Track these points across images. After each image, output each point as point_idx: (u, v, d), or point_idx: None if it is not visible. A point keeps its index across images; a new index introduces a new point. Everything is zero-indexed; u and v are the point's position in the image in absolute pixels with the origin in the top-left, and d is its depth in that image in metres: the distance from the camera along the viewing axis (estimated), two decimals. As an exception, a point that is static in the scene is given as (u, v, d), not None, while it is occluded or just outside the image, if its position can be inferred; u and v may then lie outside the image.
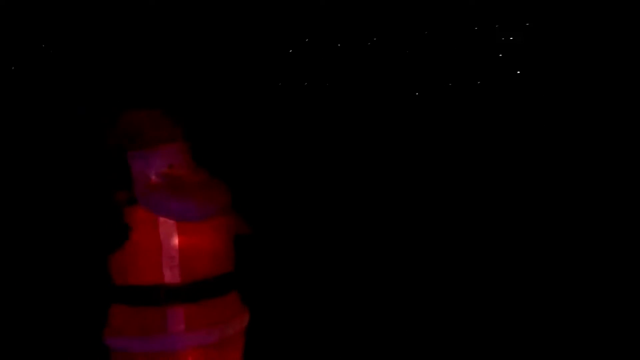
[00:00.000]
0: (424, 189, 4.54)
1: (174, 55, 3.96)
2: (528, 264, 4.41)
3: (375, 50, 4.38)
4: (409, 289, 4.40)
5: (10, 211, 4.13)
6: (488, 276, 4.35)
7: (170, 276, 2.53)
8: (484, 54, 4.61)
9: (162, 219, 2.53)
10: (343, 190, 4.38)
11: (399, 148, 4.50)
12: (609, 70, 4.68)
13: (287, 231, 3.98)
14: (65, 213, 2.50)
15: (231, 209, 2.66)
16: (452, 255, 4.51)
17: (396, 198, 4.46)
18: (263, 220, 2.76)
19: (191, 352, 2.55)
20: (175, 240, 2.54)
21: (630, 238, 4.42)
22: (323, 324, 4.12)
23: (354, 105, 4.40)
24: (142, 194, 2.53)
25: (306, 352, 3.89)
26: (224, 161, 2.76)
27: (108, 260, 2.60)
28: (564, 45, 4.68)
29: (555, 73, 4.68)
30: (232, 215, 2.67)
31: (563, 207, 4.61)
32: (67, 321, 4.11)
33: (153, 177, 2.56)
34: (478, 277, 4.36)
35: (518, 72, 4.62)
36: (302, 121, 4.29)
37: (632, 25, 4.64)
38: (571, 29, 4.69)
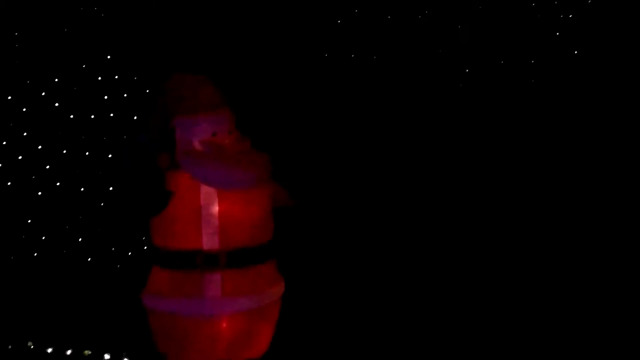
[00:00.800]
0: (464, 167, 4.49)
1: (222, 24, 3.97)
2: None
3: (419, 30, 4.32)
4: (444, 263, 4.37)
5: (58, 172, 4.23)
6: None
7: (209, 242, 2.57)
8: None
9: (203, 186, 2.56)
10: (383, 165, 4.35)
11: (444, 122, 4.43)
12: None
13: (326, 203, 4.00)
14: (109, 175, 2.55)
15: (272, 180, 2.68)
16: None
17: (442, 173, 4.41)
18: (302, 191, 2.77)
19: (226, 317, 2.60)
20: (216, 208, 2.57)
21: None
22: (358, 297, 4.13)
23: (400, 80, 4.34)
24: (184, 160, 2.56)
25: (340, 324, 3.92)
26: (267, 132, 2.77)
27: (150, 223, 2.65)
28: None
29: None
30: (272, 185, 2.69)
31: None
32: (108, 281, 4.20)
33: (196, 144, 2.59)
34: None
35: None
36: (345, 95, 4.24)
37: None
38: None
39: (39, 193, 4.18)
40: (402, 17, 4.34)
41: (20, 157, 4.16)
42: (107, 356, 3.65)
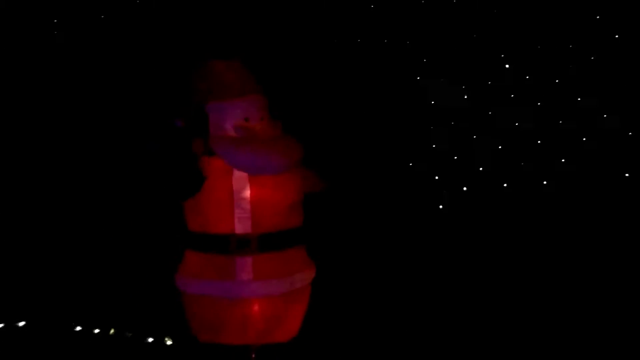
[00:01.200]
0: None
1: (255, 10, 3.99)
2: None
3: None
4: (475, 250, 4.36)
5: (94, 155, 4.30)
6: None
7: (241, 227, 2.61)
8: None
9: (236, 171, 2.59)
10: (415, 152, 4.33)
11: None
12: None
13: (357, 189, 4.00)
14: (145, 160, 2.58)
15: (303, 165, 2.70)
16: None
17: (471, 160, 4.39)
18: (333, 177, 2.79)
19: (257, 300, 2.63)
20: (247, 192, 2.60)
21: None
22: (389, 284, 4.14)
23: (433, 65, 4.30)
24: (217, 144, 2.60)
25: (369, 311, 3.93)
26: (299, 117, 2.79)
27: (183, 207, 2.70)
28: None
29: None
30: (303, 171, 2.72)
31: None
32: (143, 264, 4.27)
33: (229, 129, 2.62)
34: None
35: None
36: (376, 80, 4.22)
37: None
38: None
39: (75, 176, 4.26)
40: (434, 3, 4.32)
41: (56, 141, 4.25)
42: (150, 339, 3.72)
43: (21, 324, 3.89)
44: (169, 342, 3.66)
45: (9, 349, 3.68)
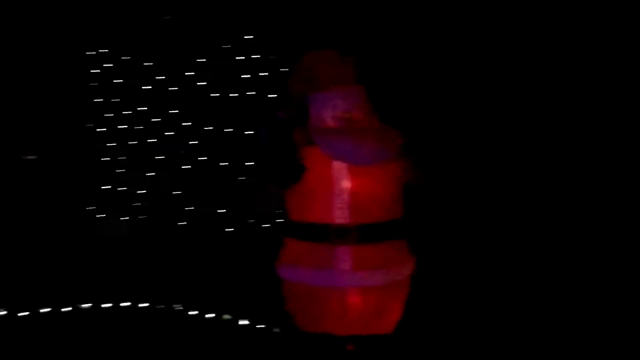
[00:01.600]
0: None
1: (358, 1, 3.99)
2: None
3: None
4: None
5: (201, 146, 4.45)
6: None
7: (340, 216, 2.62)
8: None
9: (335, 161, 2.61)
10: (523, 143, 4.20)
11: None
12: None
13: (458, 181, 3.93)
14: (247, 150, 2.66)
15: (402, 157, 2.68)
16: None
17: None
18: (433, 169, 2.75)
19: (355, 291, 2.64)
20: (347, 183, 2.61)
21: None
22: (492, 280, 4.06)
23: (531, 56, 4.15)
24: (317, 135, 2.62)
25: (470, 307, 3.87)
26: (399, 108, 2.77)
27: (284, 196, 2.74)
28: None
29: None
30: (402, 162, 2.70)
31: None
32: (243, 250, 4.39)
33: (329, 120, 2.64)
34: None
35: None
36: (479, 72, 4.12)
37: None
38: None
39: (183, 167, 4.43)
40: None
41: (165, 134, 4.43)
42: (260, 325, 3.81)
43: (125, 304, 4.11)
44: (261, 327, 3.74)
45: (113, 327, 3.90)
